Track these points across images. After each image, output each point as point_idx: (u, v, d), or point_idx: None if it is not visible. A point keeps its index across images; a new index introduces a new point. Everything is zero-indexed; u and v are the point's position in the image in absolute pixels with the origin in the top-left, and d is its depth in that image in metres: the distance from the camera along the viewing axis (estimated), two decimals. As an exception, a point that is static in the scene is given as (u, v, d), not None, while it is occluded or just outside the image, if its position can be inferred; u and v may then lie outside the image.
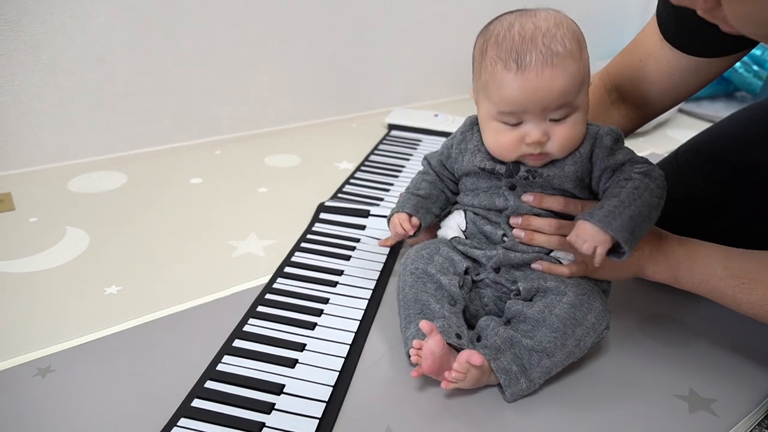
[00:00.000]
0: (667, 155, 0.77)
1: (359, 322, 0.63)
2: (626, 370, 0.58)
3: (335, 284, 0.69)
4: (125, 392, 0.53)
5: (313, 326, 0.62)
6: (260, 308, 0.64)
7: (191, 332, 0.61)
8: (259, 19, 1.12)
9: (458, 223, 0.64)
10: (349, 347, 0.59)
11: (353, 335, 0.61)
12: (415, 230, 0.64)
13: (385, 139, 1.21)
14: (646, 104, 0.69)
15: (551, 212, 0.59)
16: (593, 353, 0.60)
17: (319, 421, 0.50)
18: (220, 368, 0.55)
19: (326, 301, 0.66)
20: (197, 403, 0.51)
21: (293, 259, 0.74)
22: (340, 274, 0.72)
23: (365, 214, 0.85)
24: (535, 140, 0.53)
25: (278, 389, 0.53)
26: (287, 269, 0.72)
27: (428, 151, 1.14)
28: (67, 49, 0.94)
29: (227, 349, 0.58)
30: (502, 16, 0.56)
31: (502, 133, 0.56)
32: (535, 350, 0.53)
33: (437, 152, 0.69)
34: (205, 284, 0.70)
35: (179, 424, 0.49)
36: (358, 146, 1.15)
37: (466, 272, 0.60)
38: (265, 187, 0.97)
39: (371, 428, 0.50)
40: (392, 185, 0.99)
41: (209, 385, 0.53)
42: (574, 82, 0.52)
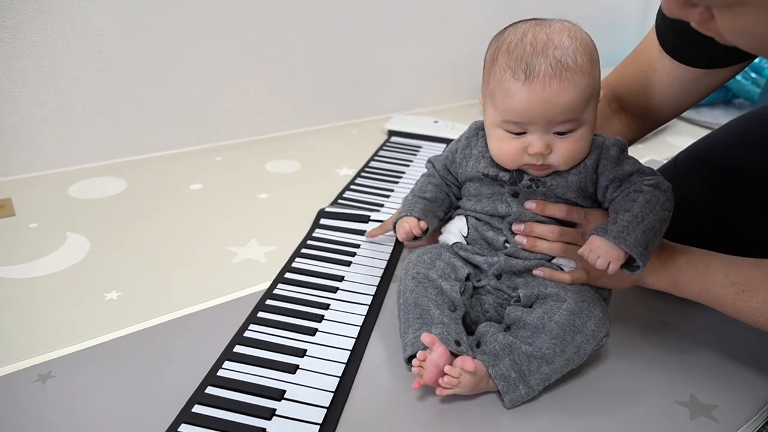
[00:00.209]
0: (666, 162, 0.77)
1: (360, 327, 0.63)
2: (627, 376, 0.58)
3: (336, 290, 0.69)
4: (126, 398, 0.53)
5: (313, 332, 0.62)
6: (261, 314, 0.64)
7: (192, 338, 0.61)
8: (259, 25, 1.13)
9: (460, 228, 0.64)
10: (349, 353, 0.59)
11: (354, 341, 0.61)
12: (422, 233, 0.64)
13: (385, 145, 1.21)
14: (646, 114, 0.69)
15: (554, 219, 0.59)
16: (593, 360, 0.60)
17: (320, 426, 0.50)
18: (220, 374, 0.55)
19: (327, 306, 0.66)
20: (198, 408, 0.51)
21: (294, 264, 0.74)
22: (340, 279, 0.72)
23: (366, 219, 0.85)
24: (537, 152, 0.54)
25: (279, 395, 0.53)
26: (288, 275, 0.72)
27: (428, 157, 1.15)
28: (67, 55, 0.95)
29: (228, 354, 0.58)
30: (517, 23, 0.55)
31: (505, 141, 0.56)
32: (534, 357, 0.52)
33: (442, 156, 0.69)
34: (205, 290, 0.70)
35: (180, 430, 0.49)
36: (358, 152, 1.16)
37: (467, 278, 0.60)
38: (265, 193, 0.97)
39: (372, 434, 0.50)
40: (392, 191, 0.99)
41: (210, 390, 0.53)
42: (581, 96, 0.52)
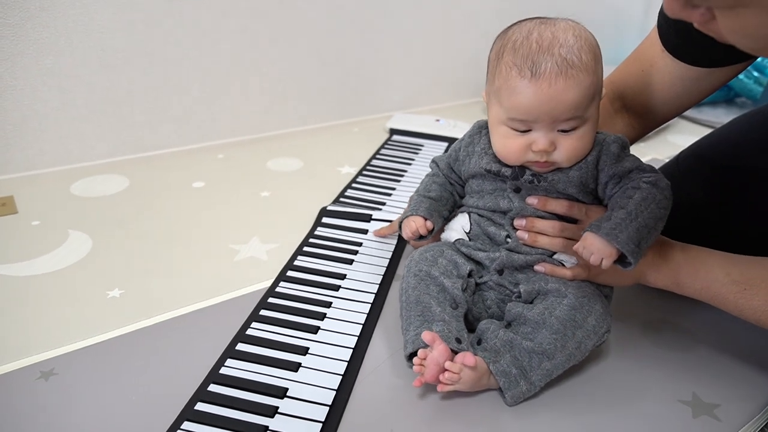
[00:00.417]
0: (668, 161, 0.77)
1: (362, 325, 0.63)
2: (629, 375, 0.58)
3: (338, 288, 0.70)
4: (128, 395, 0.53)
5: (316, 330, 0.62)
6: (263, 312, 0.65)
7: (194, 336, 0.61)
8: (261, 23, 1.13)
9: (462, 225, 0.64)
10: (352, 351, 0.59)
11: (356, 339, 0.61)
12: (428, 233, 0.64)
13: (386, 143, 1.21)
14: (649, 113, 0.69)
15: (555, 215, 0.59)
16: (595, 358, 0.60)
17: (322, 424, 0.50)
18: (223, 372, 0.55)
19: (329, 304, 0.66)
20: (200, 406, 0.51)
21: (296, 262, 0.74)
22: (342, 278, 0.72)
23: (367, 218, 0.85)
24: (541, 149, 0.54)
25: (281, 393, 0.53)
26: (290, 273, 0.72)
27: (430, 155, 1.15)
28: (70, 53, 0.95)
29: (230, 352, 0.58)
30: (521, 22, 0.56)
31: (510, 138, 0.56)
32: (535, 352, 0.52)
33: (445, 155, 0.69)
34: (207, 288, 0.70)
35: (182, 427, 0.49)
36: (359, 151, 1.16)
37: (469, 275, 0.60)
38: (267, 191, 0.97)
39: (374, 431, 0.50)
40: (394, 190, 0.99)
41: (212, 388, 0.53)
42: (586, 94, 0.53)
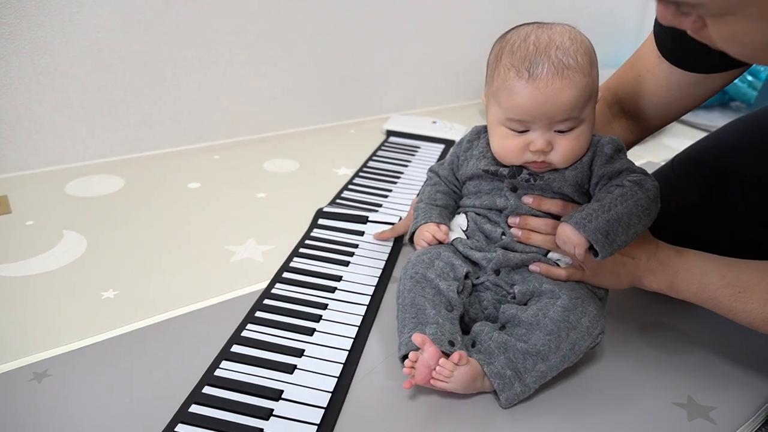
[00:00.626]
0: (663, 164, 0.77)
1: (358, 328, 0.63)
2: (624, 377, 0.58)
3: (334, 290, 0.69)
4: (122, 397, 0.52)
5: (311, 332, 0.62)
6: (259, 313, 0.64)
7: (189, 337, 0.61)
8: (257, 24, 1.13)
9: (460, 224, 0.65)
10: (347, 353, 0.59)
11: (352, 341, 0.61)
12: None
13: (383, 145, 1.21)
14: (646, 118, 0.70)
15: (550, 215, 0.60)
16: (590, 360, 0.60)
17: (317, 427, 0.50)
18: (218, 374, 0.55)
19: (325, 306, 0.66)
20: (195, 408, 0.51)
21: (292, 264, 0.74)
22: (338, 279, 0.71)
23: (364, 220, 0.85)
24: (539, 149, 0.55)
25: (277, 395, 0.53)
26: (286, 275, 0.72)
27: (426, 157, 1.16)
28: (65, 52, 0.94)
29: (225, 354, 0.58)
30: (519, 26, 0.57)
31: (508, 138, 0.57)
32: (529, 353, 0.53)
33: (445, 162, 0.70)
34: (203, 289, 0.69)
35: (176, 430, 0.49)
36: (356, 152, 1.16)
37: (466, 277, 0.60)
38: (263, 192, 0.97)
39: (370, 435, 0.50)
40: (390, 191, 0.99)
41: (207, 390, 0.53)
42: (581, 95, 0.54)
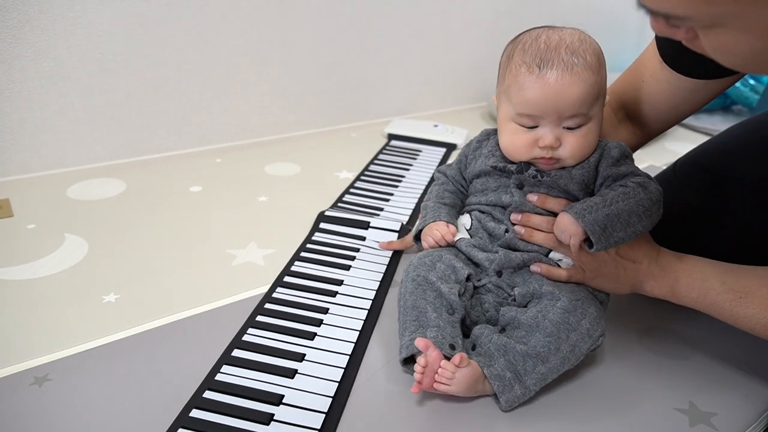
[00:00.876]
0: (665, 168, 0.78)
1: (359, 332, 0.63)
2: (625, 382, 0.58)
3: (335, 294, 0.69)
4: (123, 402, 0.52)
5: (312, 336, 0.62)
6: (259, 318, 0.64)
7: (190, 341, 0.61)
8: (259, 28, 1.13)
9: (464, 223, 0.65)
10: (348, 358, 0.59)
11: (353, 345, 0.61)
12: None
13: (384, 148, 1.21)
14: (650, 122, 0.71)
15: (554, 214, 0.60)
16: (591, 365, 0.60)
17: (318, 431, 0.50)
18: (218, 378, 0.55)
19: (326, 311, 0.66)
20: (196, 413, 0.51)
21: (293, 268, 0.74)
22: (339, 284, 0.71)
23: (365, 225, 0.85)
24: (548, 144, 0.57)
25: (277, 400, 0.53)
26: (287, 279, 0.72)
27: (428, 161, 1.16)
28: (68, 56, 0.95)
29: (226, 359, 0.58)
30: (531, 29, 0.60)
31: (518, 134, 0.59)
32: (529, 356, 0.52)
33: (453, 162, 0.71)
34: (204, 293, 0.69)
35: (177, 434, 0.49)
36: (357, 156, 1.16)
37: (467, 279, 0.60)
38: (265, 195, 0.97)
39: (371, 440, 0.50)
40: (392, 195, 0.99)
41: (208, 395, 0.53)
42: (590, 92, 0.55)
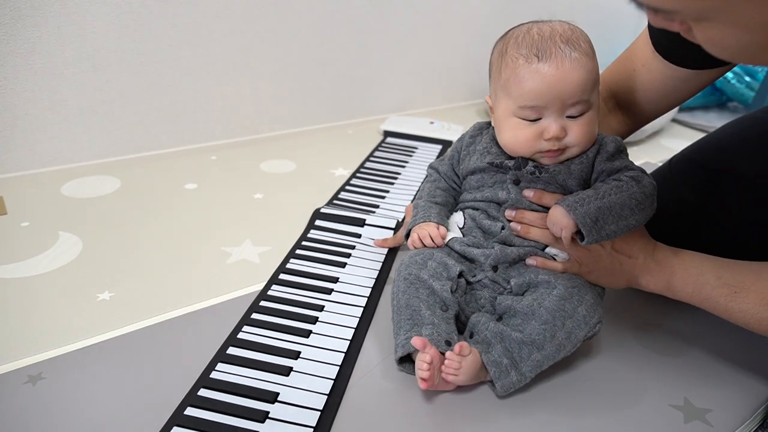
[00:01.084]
0: (661, 164, 0.78)
1: (354, 329, 0.63)
2: (620, 379, 0.58)
3: (330, 291, 0.69)
4: (117, 400, 0.52)
5: (307, 334, 0.62)
6: (255, 315, 0.64)
7: (185, 339, 0.61)
8: (254, 24, 1.12)
9: (456, 222, 0.65)
10: (344, 355, 0.59)
11: (348, 343, 0.61)
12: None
13: (380, 146, 1.21)
14: (639, 111, 0.71)
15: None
16: (587, 360, 0.60)
17: (313, 429, 0.50)
18: (213, 376, 0.55)
19: (321, 308, 0.66)
20: (190, 411, 0.51)
21: (288, 265, 0.74)
22: (335, 281, 0.71)
23: (361, 223, 0.85)
24: (554, 135, 0.56)
25: (272, 397, 0.53)
26: (282, 276, 0.72)
27: (424, 158, 1.15)
28: (61, 53, 0.94)
29: (221, 356, 0.58)
30: (518, 25, 0.59)
31: (520, 129, 0.58)
32: (524, 343, 0.53)
33: (445, 158, 0.70)
34: (199, 291, 0.69)
35: (172, 432, 0.48)
36: (353, 153, 1.15)
37: (460, 276, 0.60)
38: (260, 193, 0.97)
39: (366, 437, 0.50)
40: (388, 192, 0.99)
41: (203, 393, 0.53)
42: (589, 77, 0.55)
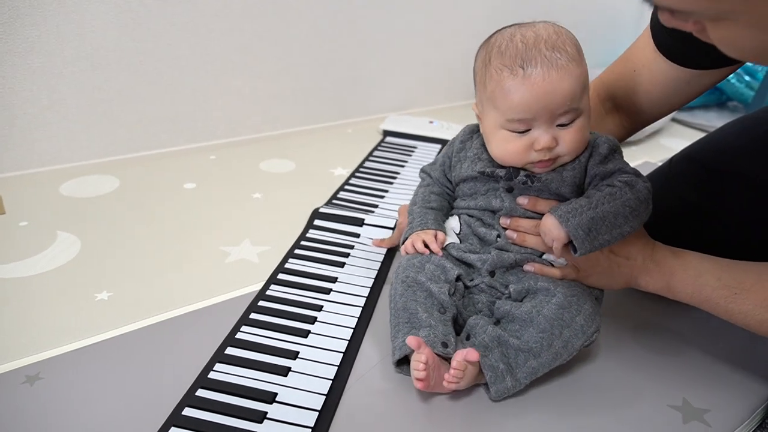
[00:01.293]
0: (661, 164, 0.77)
1: (353, 330, 0.63)
2: (619, 379, 0.58)
3: (329, 291, 0.69)
4: (115, 401, 0.52)
5: (306, 334, 0.61)
6: (253, 315, 0.64)
7: (183, 339, 0.60)
8: (254, 24, 1.12)
9: (453, 227, 0.64)
10: (342, 355, 0.59)
11: (346, 343, 0.61)
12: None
13: (380, 145, 1.21)
14: (639, 113, 0.70)
15: None
16: (584, 361, 0.60)
17: (311, 430, 0.49)
18: (211, 376, 0.55)
19: (320, 308, 0.66)
20: (188, 411, 0.51)
21: (287, 265, 0.74)
22: (333, 281, 0.71)
23: (360, 222, 0.85)
24: (544, 146, 0.54)
25: (271, 398, 0.53)
26: (281, 276, 0.72)
27: (423, 157, 1.15)
28: (60, 52, 0.94)
29: (219, 356, 0.57)
30: (501, 29, 0.57)
31: (510, 141, 0.56)
32: (521, 350, 0.53)
33: (437, 163, 0.69)
34: (197, 290, 0.69)
35: (170, 433, 0.48)
36: (353, 152, 1.15)
37: (457, 279, 0.60)
38: (259, 192, 0.96)
39: (364, 438, 0.49)
40: (387, 192, 0.98)
41: (201, 393, 0.53)
42: (578, 84, 0.54)
